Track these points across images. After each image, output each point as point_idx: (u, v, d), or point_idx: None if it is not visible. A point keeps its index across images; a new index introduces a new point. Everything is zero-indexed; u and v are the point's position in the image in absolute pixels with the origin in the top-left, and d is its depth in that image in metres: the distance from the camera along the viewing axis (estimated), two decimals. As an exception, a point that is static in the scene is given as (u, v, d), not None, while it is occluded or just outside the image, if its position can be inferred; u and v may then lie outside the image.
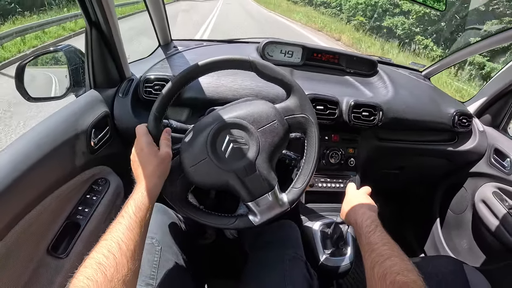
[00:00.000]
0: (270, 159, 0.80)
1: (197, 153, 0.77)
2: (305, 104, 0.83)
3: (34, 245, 0.78)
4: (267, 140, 0.79)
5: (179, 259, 0.91)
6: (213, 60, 0.79)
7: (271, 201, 0.80)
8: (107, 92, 1.11)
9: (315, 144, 0.83)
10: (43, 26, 8.85)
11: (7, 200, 0.68)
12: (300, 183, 0.83)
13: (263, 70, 0.82)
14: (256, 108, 0.81)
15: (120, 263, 0.56)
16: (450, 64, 1.65)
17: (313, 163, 0.84)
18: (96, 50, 1.03)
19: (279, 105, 0.84)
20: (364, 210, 0.84)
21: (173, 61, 1.26)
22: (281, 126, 0.81)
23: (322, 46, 1.42)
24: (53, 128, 0.86)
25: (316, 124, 0.83)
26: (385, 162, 1.50)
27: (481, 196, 1.45)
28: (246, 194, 0.79)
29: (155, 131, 0.77)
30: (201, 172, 0.77)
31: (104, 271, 0.53)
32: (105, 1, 0.92)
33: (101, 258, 0.55)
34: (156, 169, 0.72)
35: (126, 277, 0.55)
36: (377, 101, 1.25)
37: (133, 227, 0.62)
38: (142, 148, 0.73)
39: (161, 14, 1.27)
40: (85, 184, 0.98)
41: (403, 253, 0.65)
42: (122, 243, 0.59)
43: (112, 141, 1.09)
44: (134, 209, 0.65)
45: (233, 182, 0.78)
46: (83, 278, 0.52)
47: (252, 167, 0.78)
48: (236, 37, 1.61)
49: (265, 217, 0.80)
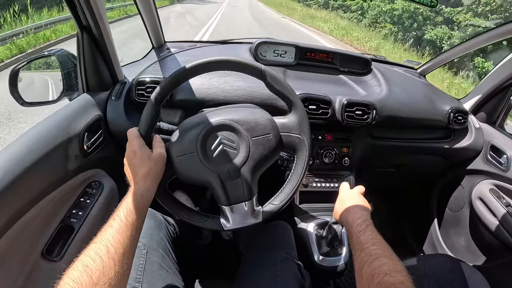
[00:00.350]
0: (255, 169, 0.80)
1: (186, 145, 0.78)
2: (303, 125, 0.83)
3: (28, 249, 0.79)
4: (258, 150, 0.79)
5: (165, 262, 0.91)
6: (227, 59, 0.79)
7: (246, 210, 0.80)
8: (100, 96, 1.11)
9: (303, 168, 0.83)
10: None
11: (1, 204, 0.68)
12: (279, 200, 0.83)
13: (272, 81, 0.82)
14: (254, 117, 0.81)
15: (107, 266, 0.56)
16: (445, 61, 1.64)
17: (296, 185, 0.83)
18: (88, 54, 1.03)
19: (278, 119, 0.84)
20: (356, 210, 0.84)
21: (165, 63, 1.26)
22: (275, 141, 0.80)
23: (315, 45, 1.41)
24: (46, 133, 0.87)
25: (310, 148, 0.83)
26: (380, 161, 1.49)
27: (478, 194, 1.44)
28: (224, 197, 0.79)
29: (147, 134, 0.77)
30: (185, 164, 0.77)
31: (90, 274, 0.53)
32: (95, 5, 0.92)
33: (88, 260, 0.55)
34: (149, 172, 0.72)
35: (112, 280, 0.55)
36: (370, 99, 1.25)
37: (123, 230, 0.62)
38: (135, 151, 0.73)
39: (153, 17, 1.27)
40: (79, 187, 0.98)
41: (393, 253, 0.65)
42: (111, 246, 0.58)
43: (105, 144, 1.09)
44: (126, 212, 0.65)
45: (214, 182, 0.78)
46: (69, 280, 0.52)
47: (236, 173, 0.78)
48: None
49: (236, 225, 0.80)
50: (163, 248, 0.95)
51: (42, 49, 7.51)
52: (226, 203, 0.79)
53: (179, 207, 0.81)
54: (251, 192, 0.80)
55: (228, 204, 0.79)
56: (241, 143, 0.79)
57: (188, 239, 1.18)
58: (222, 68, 0.81)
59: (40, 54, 1.08)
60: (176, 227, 1.09)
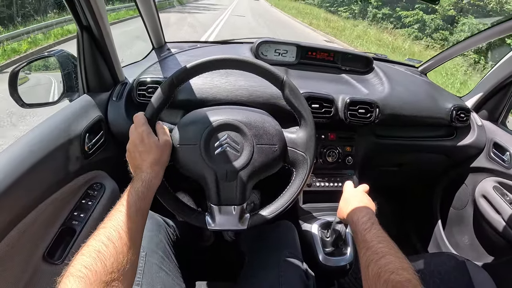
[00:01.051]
0: (253, 176, 0.79)
1: (191, 135, 0.77)
2: (310, 144, 0.82)
3: (29, 252, 0.78)
4: (260, 158, 0.78)
5: (165, 264, 0.90)
6: (253, 61, 0.79)
7: (233, 214, 0.79)
8: (101, 96, 1.10)
9: (300, 186, 0.82)
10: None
11: (1, 207, 0.67)
12: (268, 212, 0.81)
13: (290, 93, 0.81)
14: (264, 125, 0.80)
15: (121, 252, 0.54)
16: (447, 59, 1.64)
17: (289, 201, 0.82)
18: (88, 54, 1.03)
19: (286, 133, 0.83)
20: (360, 208, 0.83)
21: (166, 64, 1.25)
22: (279, 153, 0.80)
23: (316, 44, 1.41)
24: (46, 134, 0.86)
25: (311, 167, 0.82)
26: (383, 159, 1.49)
27: (482, 191, 1.44)
28: (215, 197, 0.78)
29: (152, 118, 0.77)
30: (185, 154, 0.77)
31: (103, 260, 0.51)
32: (96, 5, 0.92)
33: (100, 246, 0.53)
34: (157, 159, 0.72)
35: (125, 267, 0.53)
36: (373, 98, 1.24)
37: (133, 216, 0.61)
38: (143, 138, 0.72)
39: (153, 17, 1.27)
40: (80, 189, 0.97)
41: (399, 251, 0.64)
42: (123, 231, 0.57)
43: (106, 145, 1.08)
44: (134, 198, 0.64)
45: (209, 179, 0.77)
46: (81, 267, 0.49)
47: (234, 176, 0.77)
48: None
49: (220, 226, 0.79)
50: (162, 250, 0.93)
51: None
52: (216, 203, 0.79)
53: (169, 196, 0.80)
54: (243, 197, 0.79)
55: (217, 204, 0.79)
56: (245, 147, 0.78)
57: (189, 241, 1.17)
58: (245, 69, 0.80)
59: (40, 55, 1.07)
60: (176, 229, 1.07)
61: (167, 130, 0.77)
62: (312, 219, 1.23)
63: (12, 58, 6.91)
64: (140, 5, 1.17)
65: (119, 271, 0.52)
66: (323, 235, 1.17)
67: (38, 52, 7.47)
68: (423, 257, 1.15)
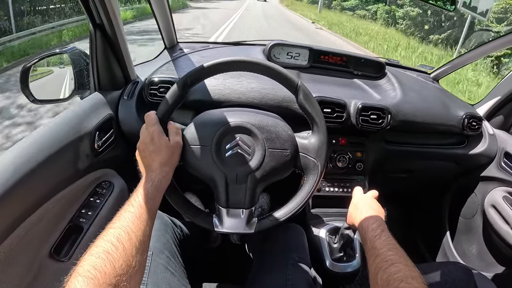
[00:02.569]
0: (263, 180, 0.78)
1: (202, 136, 0.77)
2: (322, 151, 0.81)
3: (36, 248, 0.78)
4: (271, 163, 0.77)
5: (171, 265, 0.89)
6: (269, 65, 0.79)
7: (241, 218, 0.79)
8: (112, 95, 1.10)
9: (309, 192, 0.81)
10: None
11: (9, 202, 0.67)
12: (276, 217, 0.81)
13: (304, 98, 0.80)
14: (277, 129, 0.79)
15: (130, 253, 0.54)
16: (459, 66, 1.62)
17: (297, 207, 0.81)
18: (101, 53, 1.03)
19: (298, 138, 0.82)
20: (370, 214, 0.82)
21: (178, 63, 1.25)
22: (290, 158, 0.79)
23: (329, 48, 1.40)
24: (57, 131, 0.86)
25: (322, 173, 0.81)
26: (393, 166, 1.47)
27: (491, 201, 1.42)
28: (224, 199, 0.78)
29: (164, 118, 0.77)
30: (196, 155, 0.77)
31: (112, 262, 0.51)
32: (110, 4, 0.92)
33: (109, 247, 0.53)
34: (167, 160, 0.71)
35: (134, 269, 0.53)
36: (385, 103, 1.23)
37: (143, 217, 0.61)
38: (153, 137, 0.72)
39: (166, 17, 1.27)
40: (89, 186, 0.97)
41: (409, 259, 0.63)
42: (132, 232, 0.57)
43: (116, 144, 1.09)
44: (143, 198, 0.63)
45: (218, 181, 0.77)
46: (90, 267, 0.49)
47: (243, 179, 0.77)
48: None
49: (228, 229, 0.79)
50: (169, 250, 0.93)
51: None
52: (225, 205, 0.78)
53: (177, 196, 0.80)
54: (252, 201, 0.79)
55: (226, 207, 0.78)
56: (256, 150, 0.77)
57: (196, 242, 1.16)
58: (260, 72, 0.80)
59: (52, 52, 1.07)
60: (184, 229, 1.07)
61: (179, 131, 0.77)
62: (320, 224, 1.23)
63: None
64: (153, 4, 1.17)
65: (127, 273, 0.52)
66: (331, 240, 1.17)
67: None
68: (430, 266, 1.13)
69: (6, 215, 0.68)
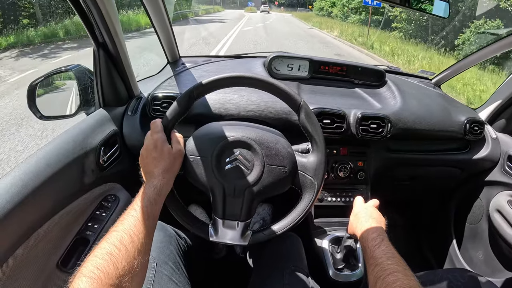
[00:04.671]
0: (260, 195, 0.80)
1: (204, 148, 0.79)
2: (320, 170, 0.82)
3: (45, 260, 0.80)
4: (269, 178, 0.79)
5: (175, 276, 0.91)
6: (272, 82, 0.81)
7: (236, 229, 0.80)
8: (116, 110, 1.13)
9: (305, 209, 0.82)
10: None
11: (18, 216, 0.70)
12: (269, 232, 0.82)
13: (305, 117, 0.82)
14: (277, 146, 0.81)
15: (132, 255, 0.56)
16: (461, 71, 1.62)
17: (292, 223, 0.82)
18: (104, 70, 1.06)
19: (298, 156, 0.84)
20: (370, 223, 0.83)
21: (180, 78, 1.28)
22: (288, 175, 0.80)
23: (329, 59, 1.41)
24: (63, 147, 0.88)
25: (318, 192, 0.82)
26: (396, 174, 1.47)
27: (496, 206, 1.41)
28: (221, 210, 0.80)
29: (169, 127, 0.79)
30: (196, 166, 0.79)
31: (115, 263, 0.53)
32: (111, 23, 0.95)
33: (112, 248, 0.55)
34: (169, 168, 0.73)
35: (135, 270, 0.55)
36: (385, 112, 1.24)
37: (144, 220, 0.63)
38: (156, 145, 0.74)
39: (167, 32, 1.29)
40: (95, 200, 1.00)
41: (408, 268, 0.64)
42: (134, 235, 0.59)
43: (121, 158, 1.11)
44: (145, 203, 0.66)
45: (216, 192, 0.79)
46: (94, 268, 0.51)
47: (241, 192, 0.78)
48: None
49: (222, 239, 0.80)
50: (173, 261, 0.94)
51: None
52: (221, 216, 0.80)
53: (176, 204, 0.82)
54: (248, 214, 0.80)
55: (222, 218, 0.80)
56: (255, 165, 0.79)
57: (200, 253, 1.17)
58: (263, 88, 0.82)
59: (58, 70, 1.10)
60: (187, 241, 1.08)
61: (182, 140, 0.79)
62: (323, 234, 1.23)
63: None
64: (154, 20, 1.19)
65: (129, 274, 0.54)
66: (333, 250, 1.17)
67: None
68: (436, 273, 1.13)
69: (16, 228, 0.70)
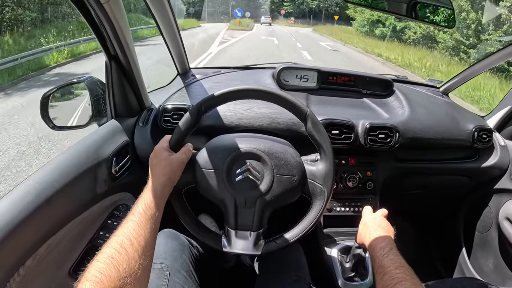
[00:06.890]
0: (271, 205, 0.81)
1: (214, 161, 0.81)
2: (329, 178, 0.83)
3: (57, 267, 0.82)
4: (279, 188, 0.80)
5: (187, 284, 0.92)
6: (279, 94, 0.83)
7: (249, 239, 0.82)
8: (128, 121, 1.15)
9: (316, 217, 0.83)
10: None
11: (32, 225, 0.72)
12: (281, 241, 0.83)
13: (312, 126, 0.83)
14: (286, 156, 0.82)
15: (132, 258, 0.58)
16: (469, 78, 1.61)
17: (304, 231, 0.83)
18: (116, 82, 1.08)
19: (306, 165, 0.85)
20: (379, 233, 0.84)
21: (191, 90, 1.29)
22: (298, 184, 0.82)
23: (337, 69, 1.42)
24: (76, 157, 0.90)
25: (328, 199, 0.83)
26: (404, 183, 1.47)
27: (506, 213, 1.40)
28: (233, 221, 0.81)
29: (174, 141, 0.82)
30: (207, 178, 0.80)
31: (116, 266, 0.55)
32: (123, 36, 0.97)
33: (113, 252, 0.57)
34: (164, 172, 0.76)
35: (137, 272, 0.57)
36: (393, 122, 1.24)
37: (143, 224, 0.65)
38: (156, 152, 0.80)
39: (177, 44, 1.31)
40: (106, 210, 1.02)
41: (416, 277, 0.65)
42: (133, 238, 0.61)
43: (133, 169, 1.12)
44: (144, 207, 0.68)
45: (228, 204, 0.81)
46: (96, 272, 0.53)
47: (252, 203, 0.80)
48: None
49: (235, 249, 0.82)
50: (186, 270, 0.96)
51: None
52: (233, 227, 0.82)
53: (188, 214, 0.84)
54: (260, 224, 0.82)
55: (234, 228, 0.82)
56: (265, 176, 0.80)
57: (212, 262, 1.18)
58: (270, 100, 0.84)
59: (70, 81, 1.12)
60: (200, 250, 1.09)
61: (188, 152, 0.81)
62: (332, 243, 1.23)
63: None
64: (164, 32, 1.21)
65: (131, 276, 0.55)
66: (342, 259, 1.17)
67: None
68: (446, 282, 1.12)
69: (30, 236, 0.72)
